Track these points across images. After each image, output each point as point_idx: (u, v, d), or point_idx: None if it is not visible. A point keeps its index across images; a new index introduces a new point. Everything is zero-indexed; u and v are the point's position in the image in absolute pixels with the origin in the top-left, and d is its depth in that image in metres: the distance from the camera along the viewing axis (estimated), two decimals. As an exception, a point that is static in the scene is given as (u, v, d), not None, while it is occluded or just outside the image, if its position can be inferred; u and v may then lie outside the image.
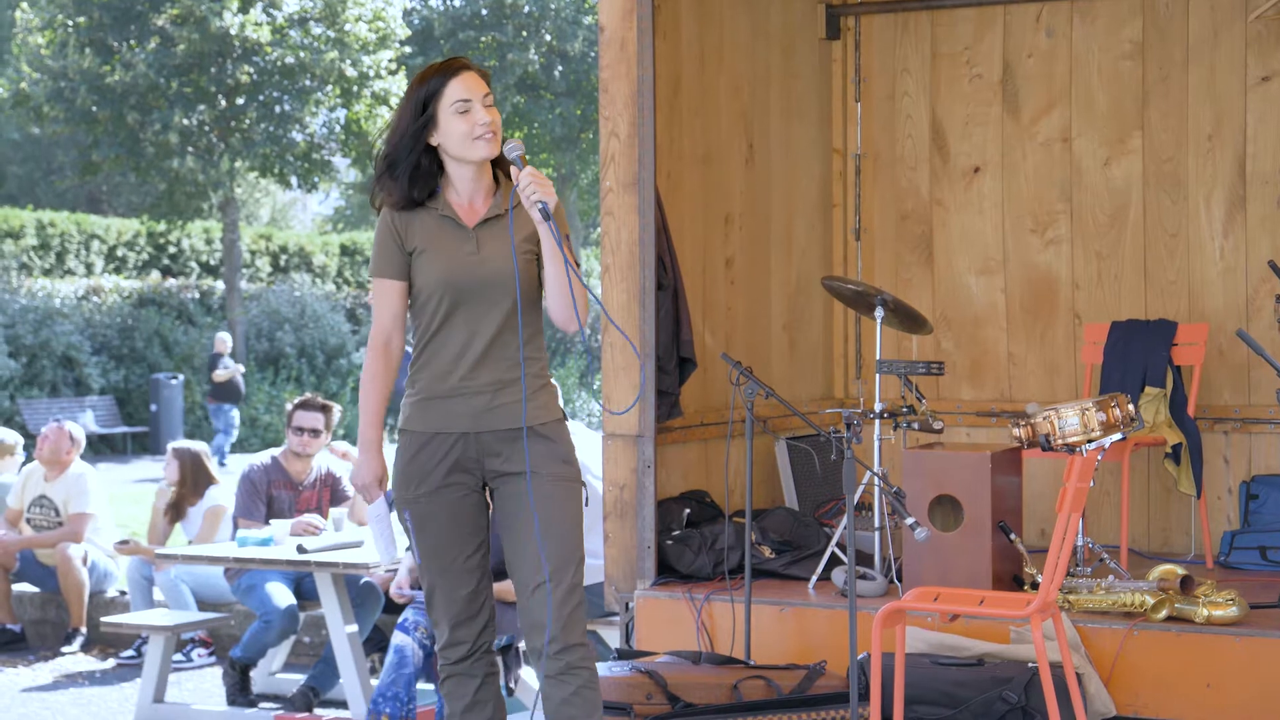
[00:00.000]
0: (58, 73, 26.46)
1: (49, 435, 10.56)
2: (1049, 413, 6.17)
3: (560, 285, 4.78)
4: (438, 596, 4.97)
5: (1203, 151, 8.01)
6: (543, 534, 4.80)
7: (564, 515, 4.85)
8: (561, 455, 4.90)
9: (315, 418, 8.82)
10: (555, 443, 4.90)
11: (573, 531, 4.85)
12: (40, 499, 10.48)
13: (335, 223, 44.16)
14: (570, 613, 4.81)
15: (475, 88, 4.85)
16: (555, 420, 4.94)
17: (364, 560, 7.76)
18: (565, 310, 4.82)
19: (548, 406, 4.93)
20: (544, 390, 4.94)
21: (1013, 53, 8.39)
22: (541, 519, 4.81)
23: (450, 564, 4.93)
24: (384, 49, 28.30)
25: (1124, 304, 8.13)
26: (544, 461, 4.86)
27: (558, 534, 4.82)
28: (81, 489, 10.40)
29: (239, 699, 8.31)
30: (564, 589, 4.80)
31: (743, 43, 7.86)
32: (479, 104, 4.83)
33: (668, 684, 5.82)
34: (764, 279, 8.07)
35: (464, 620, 4.96)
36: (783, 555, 7.03)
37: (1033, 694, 5.75)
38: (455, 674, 5.01)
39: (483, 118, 4.83)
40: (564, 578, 4.80)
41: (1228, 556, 7.33)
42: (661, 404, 6.91)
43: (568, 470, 4.90)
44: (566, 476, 4.89)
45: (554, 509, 4.84)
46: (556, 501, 4.85)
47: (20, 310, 25.97)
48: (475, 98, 4.83)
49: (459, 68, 4.88)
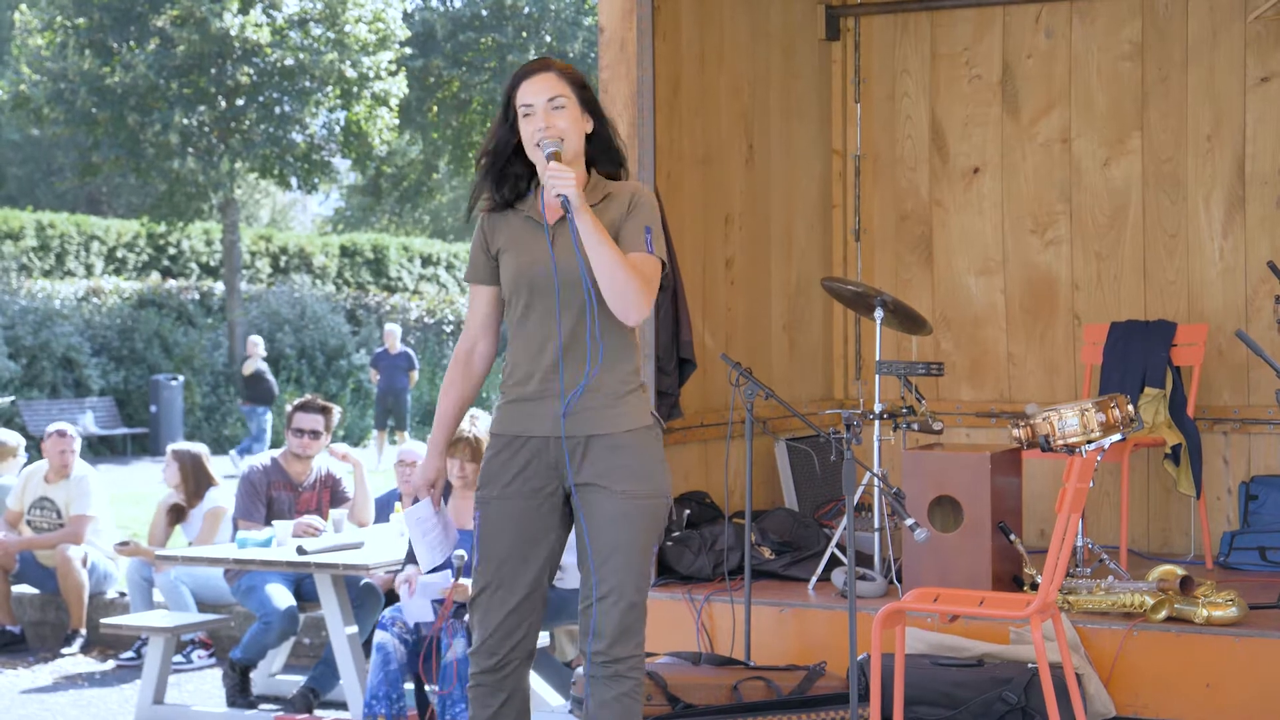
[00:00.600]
0: (58, 74, 26.45)
1: (49, 447, 10.56)
2: (1049, 413, 6.17)
3: (602, 276, 4.63)
4: (482, 600, 4.84)
5: (1202, 152, 8.01)
6: (607, 554, 4.67)
7: (630, 538, 4.69)
8: (636, 469, 4.72)
9: (315, 419, 8.82)
10: (631, 453, 4.73)
11: (635, 555, 4.70)
12: (41, 500, 10.48)
13: (335, 224, 44.16)
14: (626, 627, 4.70)
15: (541, 90, 4.76)
16: (636, 429, 4.77)
17: (364, 561, 7.75)
18: (613, 301, 4.65)
19: (628, 414, 4.77)
20: (627, 397, 4.78)
21: (1012, 53, 8.40)
22: (608, 538, 4.68)
23: (504, 571, 4.81)
24: (384, 50, 28.28)
25: (1123, 304, 8.14)
26: (616, 475, 4.72)
27: (619, 558, 4.69)
28: (84, 491, 10.39)
29: (239, 700, 8.30)
30: (622, 607, 4.69)
31: (742, 43, 7.86)
32: (541, 108, 4.74)
33: (668, 685, 5.82)
34: (764, 280, 8.07)
35: (501, 632, 4.82)
36: (782, 556, 7.03)
37: (1032, 694, 5.75)
38: (482, 684, 4.85)
39: (540, 123, 4.73)
40: (621, 597, 4.69)
41: (1227, 557, 7.34)
42: (661, 405, 6.91)
43: (641, 487, 4.72)
44: (638, 494, 4.71)
45: (620, 530, 4.69)
46: (624, 521, 4.69)
47: (20, 311, 25.97)
48: (538, 102, 4.74)
49: (533, 70, 4.81)
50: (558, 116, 4.76)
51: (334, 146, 28.96)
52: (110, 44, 26.71)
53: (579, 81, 4.84)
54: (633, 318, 4.68)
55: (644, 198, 4.82)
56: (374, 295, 32.87)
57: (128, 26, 26.81)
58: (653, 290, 4.71)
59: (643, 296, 4.66)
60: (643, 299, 4.66)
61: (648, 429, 4.79)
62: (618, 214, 4.78)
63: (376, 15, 28.14)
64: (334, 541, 8.11)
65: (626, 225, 4.75)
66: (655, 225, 4.78)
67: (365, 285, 33.73)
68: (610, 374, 4.76)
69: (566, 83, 4.80)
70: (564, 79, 4.80)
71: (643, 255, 4.71)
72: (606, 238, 4.63)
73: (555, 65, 4.84)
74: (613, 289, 4.64)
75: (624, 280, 4.62)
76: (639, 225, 4.74)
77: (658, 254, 4.74)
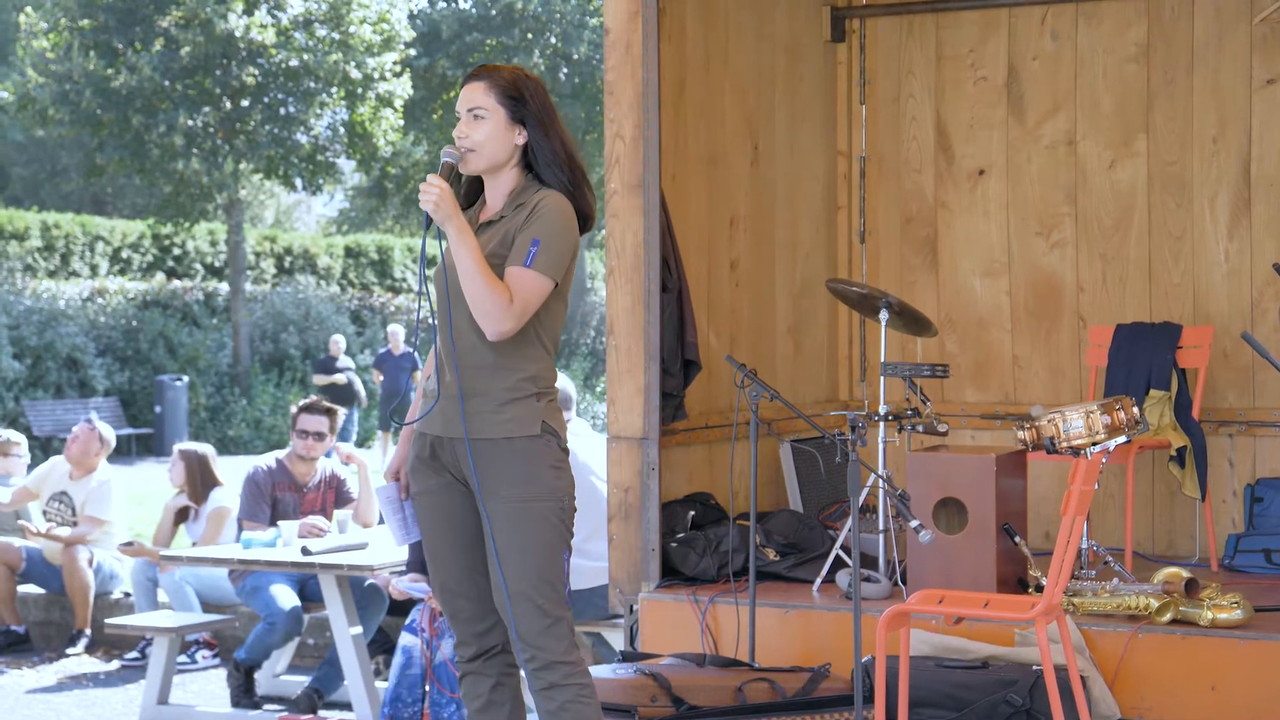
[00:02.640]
0: (63, 76, 26.46)
1: (79, 435, 10.56)
2: (1054, 415, 6.17)
3: (464, 290, 4.73)
4: (440, 595, 5.01)
5: (1207, 154, 8.01)
6: (501, 559, 4.77)
7: (520, 541, 4.76)
8: (524, 475, 4.77)
9: (320, 421, 8.83)
10: (518, 460, 4.78)
11: (530, 557, 4.76)
12: (60, 495, 10.49)
13: (340, 225, 44.14)
14: (542, 634, 4.77)
15: (465, 100, 4.88)
16: (524, 436, 4.79)
17: (369, 562, 7.76)
18: (475, 315, 4.73)
19: (517, 420, 4.79)
20: (517, 404, 4.80)
21: (1017, 55, 8.40)
22: (501, 542, 4.76)
23: (445, 564, 4.95)
24: (389, 51, 28.28)
25: (1129, 307, 8.13)
26: (503, 481, 4.78)
27: (514, 561, 4.76)
28: (103, 495, 10.40)
29: (243, 701, 8.32)
30: (529, 613, 4.76)
31: (747, 45, 7.86)
32: (462, 117, 4.88)
33: (672, 686, 5.82)
34: (769, 281, 8.07)
35: (467, 619, 4.97)
36: (787, 558, 7.03)
37: (1037, 697, 5.74)
38: (469, 672, 5.01)
39: (458, 131, 4.89)
40: (526, 602, 4.76)
41: (1232, 559, 7.33)
42: (666, 406, 6.91)
43: (527, 491, 4.77)
44: (525, 498, 4.77)
45: (509, 534, 4.76)
46: (511, 525, 4.76)
47: (25, 312, 25.98)
48: (461, 110, 4.89)
49: (469, 78, 4.93)
50: (474, 127, 4.87)
51: (339, 147, 28.96)
52: (115, 45, 26.71)
53: (513, 92, 4.87)
54: (490, 332, 4.74)
55: (545, 208, 4.81)
56: (378, 296, 32.88)
57: (132, 28, 26.82)
58: (519, 306, 4.72)
59: (499, 312, 4.70)
60: (499, 315, 4.70)
61: (531, 439, 4.80)
62: (516, 225, 4.82)
63: (381, 16, 28.14)
64: (338, 542, 8.12)
65: (518, 238, 4.79)
66: (549, 237, 4.76)
67: (370, 286, 33.73)
68: (496, 382, 4.81)
69: (495, 93, 4.86)
70: (493, 89, 4.86)
71: (517, 270, 4.74)
72: (470, 253, 4.70)
73: (491, 74, 4.91)
74: (471, 304, 4.74)
75: (477, 296, 4.70)
76: (527, 238, 4.77)
77: (538, 268, 4.74)
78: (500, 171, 4.91)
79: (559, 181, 4.87)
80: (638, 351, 6.77)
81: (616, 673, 5.85)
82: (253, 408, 27.68)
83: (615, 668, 5.95)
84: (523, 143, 4.88)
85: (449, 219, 4.73)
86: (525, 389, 4.82)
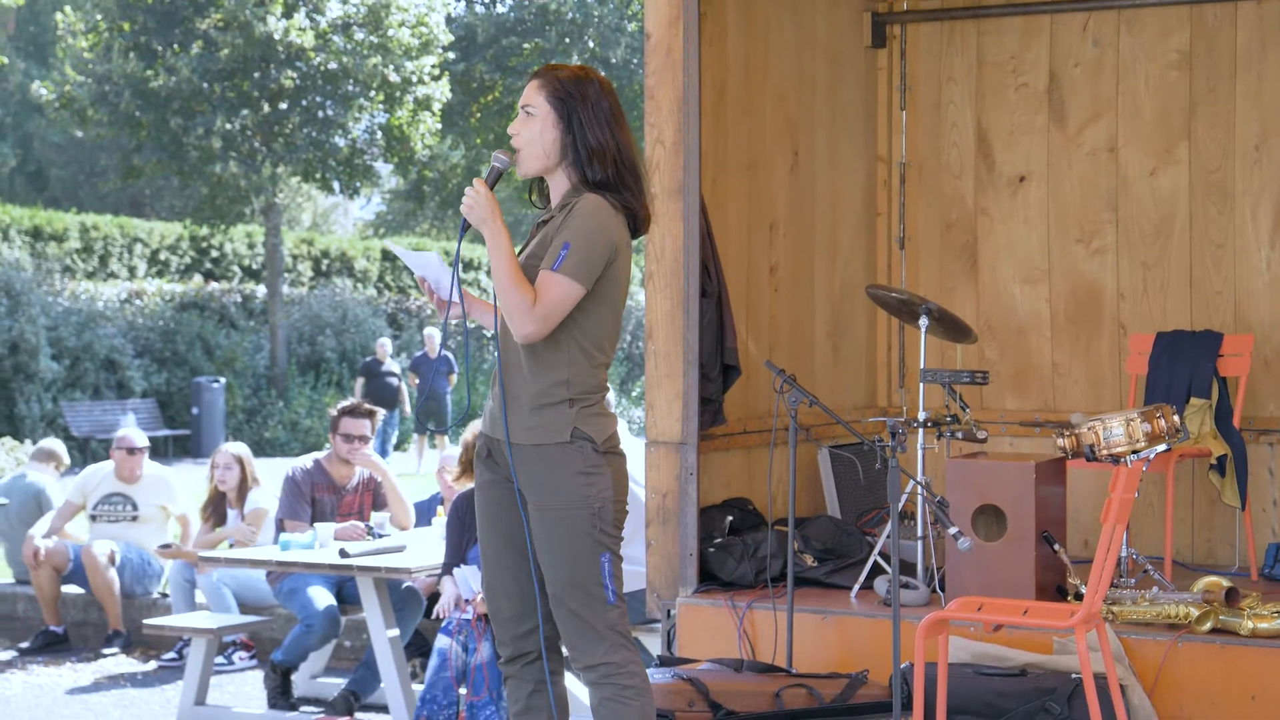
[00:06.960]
0: (102, 76, 26.59)
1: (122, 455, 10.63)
2: (1094, 423, 6.15)
3: (497, 293, 4.77)
4: (485, 592, 5.07)
5: (1250, 162, 7.97)
6: (537, 561, 4.87)
7: (549, 546, 4.81)
8: (550, 484, 4.79)
9: (362, 424, 8.85)
10: (545, 468, 4.80)
11: (559, 563, 4.81)
12: (112, 496, 10.52)
13: (377, 228, 44.26)
14: (577, 637, 4.85)
15: (522, 98, 4.94)
16: (553, 443, 4.80)
17: (405, 565, 7.77)
18: (505, 318, 4.79)
19: (545, 427, 4.80)
20: (547, 409, 4.81)
21: (1059, 62, 8.37)
22: (535, 545, 4.86)
23: (489, 562, 5.01)
24: (427, 54, 28.34)
25: (1169, 314, 8.09)
26: (532, 488, 4.83)
27: (546, 564, 4.83)
28: (170, 494, 10.56)
29: (280, 702, 8.33)
30: (564, 616, 4.85)
31: (788, 50, 7.86)
32: (519, 113, 4.93)
33: (709, 691, 5.81)
34: (808, 287, 8.06)
35: (506, 620, 5.00)
36: (825, 564, 7.03)
37: (1076, 705, 5.73)
38: (509, 675, 5.06)
39: (511, 128, 4.95)
40: (560, 606, 4.84)
41: (1273, 569, 7.30)
42: (705, 411, 6.91)
43: (554, 499, 4.79)
44: (551, 506, 4.79)
45: (540, 538, 4.83)
46: (541, 531, 4.81)
47: (63, 313, 26.10)
48: (519, 109, 4.94)
49: (530, 76, 4.99)
50: (522, 124, 4.92)
51: (376, 151, 29.04)
52: (154, 47, 26.83)
53: (562, 93, 4.88)
54: (516, 335, 4.78)
55: (579, 210, 4.81)
56: (415, 299, 32.92)
57: (172, 29, 26.93)
58: (541, 309, 4.73)
59: (521, 315, 4.73)
60: (521, 318, 4.74)
61: (560, 446, 4.80)
62: (555, 227, 4.85)
63: (420, 19, 28.20)
64: (376, 544, 8.13)
65: (555, 240, 4.81)
66: (578, 240, 4.75)
67: (406, 289, 33.79)
68: (528, 386, 4.84)
69: (545, 92, 4.89)
70: (544, 89, 4.90)
71: (545, 274, 4.76)
72: (501, 255, 4.75)
73: (547, 73, 4.95)
74: (500, 306, 4.80)
75: (505, 299, 4.75)
76: (559, 242, 4.78)
77: (565, 272, 4.74)
78: (555, 173, 4.93)
79: (601, 179, 4.86)
80: (677, 356, 6.78)
81: (654, 678, 5.85)
82: (289, 410, 27.75)
83: (653, 673, 5.95)
84: (568, 142, 4.88)
85: (484, 222, 4.81)
86: (556, 394, 4.82)
